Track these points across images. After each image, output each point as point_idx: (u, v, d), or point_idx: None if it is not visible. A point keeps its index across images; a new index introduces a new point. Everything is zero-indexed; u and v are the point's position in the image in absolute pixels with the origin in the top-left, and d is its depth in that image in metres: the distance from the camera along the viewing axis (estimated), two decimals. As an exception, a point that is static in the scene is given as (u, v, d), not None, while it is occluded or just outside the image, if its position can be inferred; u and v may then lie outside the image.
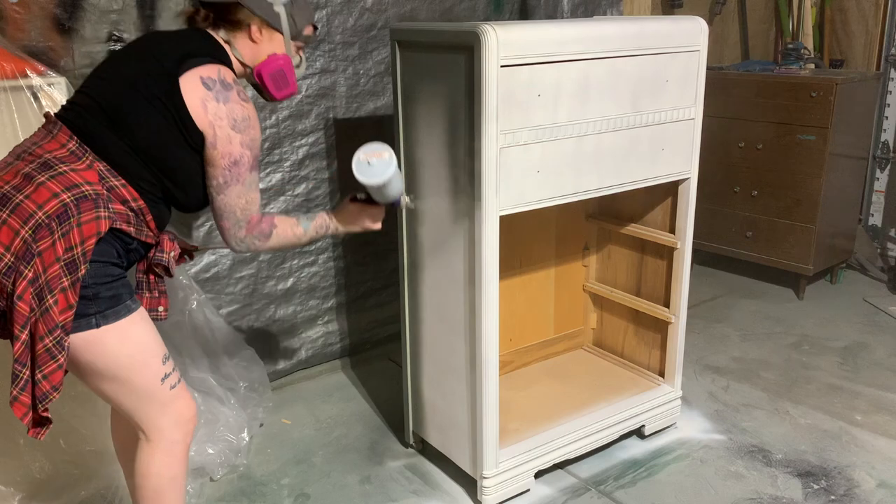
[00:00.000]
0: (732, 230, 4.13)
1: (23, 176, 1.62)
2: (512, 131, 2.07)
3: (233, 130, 1.74)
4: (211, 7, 1.86)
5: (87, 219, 1.60)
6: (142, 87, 1.70)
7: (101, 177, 1.66)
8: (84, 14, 2.42)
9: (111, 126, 1.69)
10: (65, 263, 1.57)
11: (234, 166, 1.76)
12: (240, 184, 1.78)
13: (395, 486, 2.50)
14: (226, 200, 1.79)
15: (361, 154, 2.00)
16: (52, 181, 1.60)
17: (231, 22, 1.84)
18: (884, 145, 4.42)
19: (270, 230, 1.89)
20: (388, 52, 3.06)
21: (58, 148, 1.67)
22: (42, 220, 1.56)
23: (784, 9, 4.70)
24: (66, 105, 1.78)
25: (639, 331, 2.91)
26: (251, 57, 1.88)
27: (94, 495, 2.31)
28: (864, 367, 3.28)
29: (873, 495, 2.45)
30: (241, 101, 1.75)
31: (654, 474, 2.56)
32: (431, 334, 2.45)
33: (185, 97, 1.70)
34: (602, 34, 2.21)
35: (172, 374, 1.78)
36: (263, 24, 1.85)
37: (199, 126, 1.71)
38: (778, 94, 3.83)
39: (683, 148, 2.50)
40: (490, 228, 2.12)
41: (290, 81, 1.93)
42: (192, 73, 1.71)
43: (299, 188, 3.00)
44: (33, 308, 1.55)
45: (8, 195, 1.60)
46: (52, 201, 1.58)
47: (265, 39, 1.87)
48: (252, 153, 1.78)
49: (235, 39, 1.86)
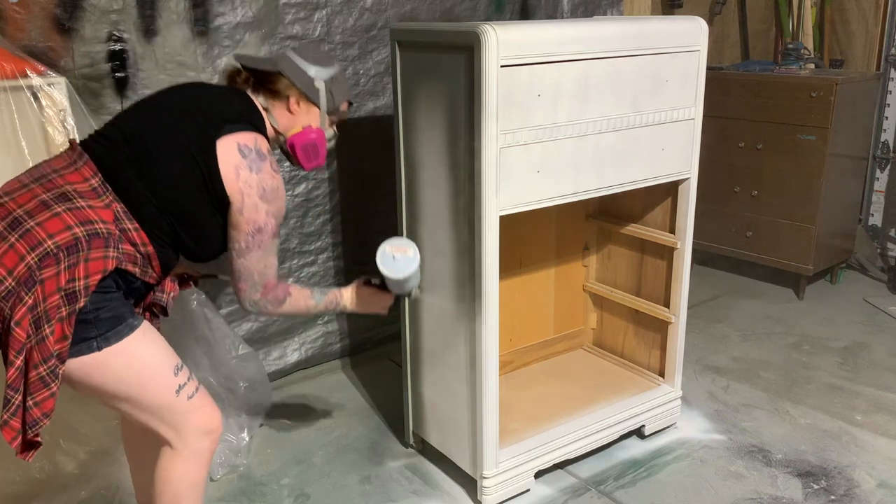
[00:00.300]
0: (732, 230, 4.13)
1: (39, 202, 1.61)
2: (512, 131, 2.07)
3: (261, 200, 1.76)
4: (253, 72, 1.91)
5: (96, 256, 1.60)
6: (178, 141, 1.72)
7: (117, 217, 1.67)
8: (84, 14, 2.42)
9: (138, 170, 1.70)
10: (65, 294, 1.56)
11: (258, 233, 1.79)
12: (261, 250, 1.81)
13: (395, 486, 2.50)
14: (245, 264, 1.82)
15: (388, 247, 2.06)
16: (68, 213, 1.60)
17: (271, 91, 1.90)
18: (884, 145, 4.42)
19: (284, 297, 1.92)
20: (388, 52, 3.06)
21: (80, 181, 1.66)
22: (50, 249, 1.56)
23: (784, 9, 4.70)
24: (95, 136, 1.78)
25: (639, 331, 2.91)
26: (286, 126, 1.92)
27: (94, 495, 2.31)
28: (864, 367, 3.28)
29: (873, 495, 2.45)
30: (272, 171, 1.79)
31: (654, 474, 2.56)
32: (431, 334, 2.45)
33: (220, 161, 1.72)
34: (602, 34, 2.21)
35: (188, 384, 1.76)
36: (302, 96, 1.91)
37: (228, 191, 1.74)
38: (778, 94, 3.83)
39: (683, 148, 2.50)
40: (490, 228, 2.12)
41: (320, 154, 1.98)
42: (229, 137, 1.74)
43: (299, 188, 3.01)
44: (30, 335, 1.54)
45: (20, 220, 1.59)
46: (65, 233, 1.58)
47: (302, 111, 1.92)
48: (276, 222, 1.82)
49: (273, 108, 1.91)
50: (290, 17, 2.83)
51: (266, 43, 2.79)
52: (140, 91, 2.56)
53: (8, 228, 1.58)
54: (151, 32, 2.55)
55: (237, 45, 2.72)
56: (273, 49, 2.81)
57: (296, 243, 3.06)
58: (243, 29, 2.73)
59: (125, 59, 2.51)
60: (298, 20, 2.85)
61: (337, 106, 1.98)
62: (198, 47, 2.65)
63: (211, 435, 1.81)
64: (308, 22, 2.87)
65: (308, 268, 3.11)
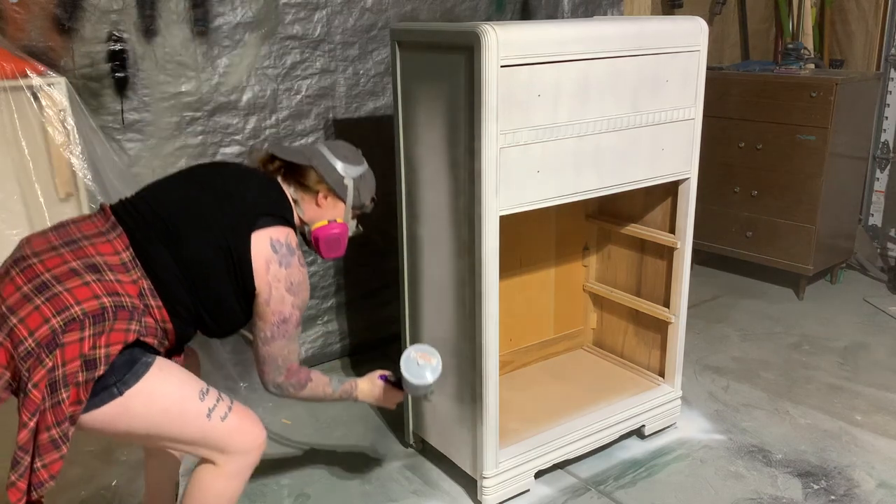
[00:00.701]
0: (732, 230, 4.13)
1: (69, 269, 1.62)
2: (512, 131, 2.07)
3: (287, 293, 1.82)
4: (286, 163, 1.95)
5: (120, 327, 1.62)
6: (213, 228, 1.75)
7: (142, 294, 1.69)
8: (84, 14, 2.42)
9: (169, 250, 1.72)
10: (86, 361, 1.57)
11: (283, 324, 1.84)
12: (285, 338, 1.86)
13: (395, 486, 2.50)
14: (270, 351, 1.86)
15: (413, 352, 2.12)
16: (97, 284, 1.62)
17: (302, 184, 1.95)
18: (884, 145, 4.42)
19: (306, 382, 1.96)
20: (388, 52, 3.06)
21: (111, 253, 1.68)
22: (77, 315, 1.57)
23: (784, 9, 4.70)
24: (127, 205, 1.79)
25: (639, 331, 2.91)
26: (312, 217, 1.98)
27: (94, 495, 2.31)
28: (864, 367, 3.28)
29: (873, 495, 2.45)
30: (300, 266, 1.85)
31: (654, 474, 2.56)
32: (431, 335, 2.45)
33: (253, 254, 1.76)
34: (602, 34, 2.21)
35: (218, 405, 1.74)
36: (331, 192, 1.96)
37: (256, 283, 1.78)
38: (778, 94, 3.83)
39: (683, 148, 2.50)
40: (490, 228, 2.12)
41: (341, 247, 2.03)
42: (264, 232, 1.79)
43: (299, 188, 3.00)
44: (45, 398, 1.54)
45: (48, 283, 1.60)
46: (93, 301, 1.59)
47: (329, 205, 1.98)
48: (300, 312, 1.87)
49: (303, 200, 1.97)
50: (290, 17, 2.83)
51: (266, 43, 2.79)
52: (140, 91, 2.56)
53: (35, 291, 1.59)
54: (151, 32, 2.55)
55: (237, 45, 2.73)
56: (273, 49, 2.81)
57: (296, 243, 3.06)
58: (243, 29, 2.73)
59: (125, 59, 2.52)
60: (298, 20, 2.85)
61: (363, 202, 2.05)
62: (198, 47, 2.65)
63: (254, 452, 1.80)
64: (308, 22, 2.87)
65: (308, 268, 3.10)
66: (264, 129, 2.87)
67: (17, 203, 2.21)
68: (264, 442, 1.81)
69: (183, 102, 2.67)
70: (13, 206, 2.21)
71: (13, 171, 2.19)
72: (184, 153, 2.71)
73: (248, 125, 2.83)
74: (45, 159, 2.20)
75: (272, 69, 2.84)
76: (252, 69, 2.79)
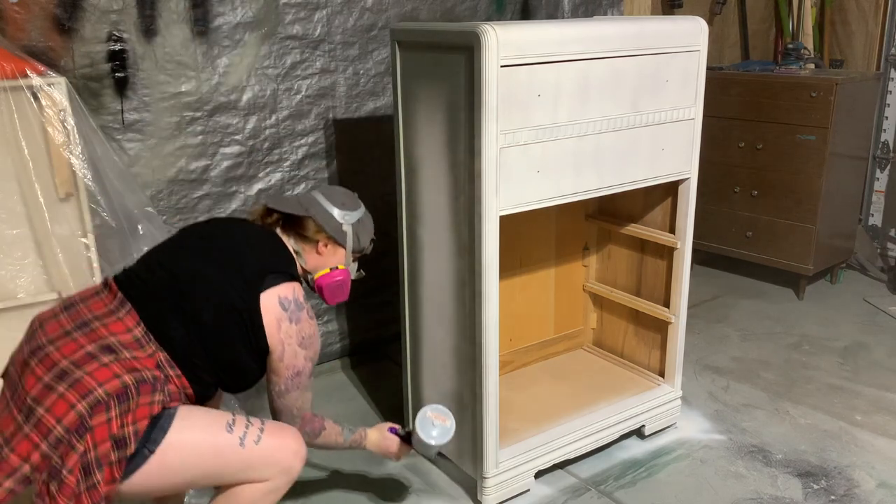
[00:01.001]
0: (732, 230, 4.13)
1: (86, 354, 1.64)
2: (512, 131, 2.07)
3: (300, 347, 1.86)
4: (283, 214, 1.97)
5: (144, 401, 1.64)
6: (223, 293, 1.77)
7: (160, 365, 1.70)
8: (84, 14, 2.42)
9: (181, 319, 1.74)
10: (115, 440, 1.59)
11: (297, 377, 1.88)
12: (299, 390, 1.90)
13: (395, 486, 2.50)
14: (285, 403, 1.90)
15: (429, 412, 2.15)
16: (115, 364, 1.64)
17: (301, 235, 1.97)
18: (884, 145, 4.42)
19: (320, 431, 2.00)
20: (388, 52, 3.06)
21: (123, 331, 1.70)
22: (101, 397, 1.59)
23: (784, 9, 4.70)
24: (132, 276, 1.80)
25: (639, 331, 2.91)
26: (314, 266, 2.00)
27: None
28: (864, 367, 3.28)
29: (873, 495, 2.45)
30: (309, 319, 1.87)
31: (654, 474, 2.56)
32: (431, 334, 2.45)
33: (263, 314, 1.78)
34: (602, 34, 2.21)
35: (249, 431, 1.76)
36: (330, 239, 1.98)
37: (269, 342, 1.81)
38: (778, 94, 3.83)
39: (683, 148, 2.50)
40: (490, 228, 2.12)
41: (345, 293, 2.05)
42: (272, 291, 1.81)
43: (299, 188, 3.00)
44: (79, 481, 1.56)
45: (68, 371, 1.61)
46: (114, 381, 1.61)
47: (329, 252, 2.00)
48: (313, 364, 1.92)
49: (303, 251, 1.98)
50: (290, 17, 2.83)
51: (266, 43, 2.79)
52: (140, 91, 2.56)
53: (56, 379, 1.61)
54: (151, 32, 2.55)
55: (237, 45, 2.73)
56: (273, 49, 2.81)
57: (296, 243, 3.06)
58: (243, 29, 2.73)
59: (125, 59, 2.51)
60: (298, 20, 2.85)
61: (362, 246, 2.06)
62: (198, 47, 2.65)
63: (295, 466, 1.82)
64: (308, 22, 2.87)
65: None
66: (264, 129, 2.87)
67: (18, 203, 2.21)
68: (302, 452, 1.83)
69: (183, 102, 2.67)
70: (13, 206, 2.21)
71: (13, 171, 2.19)
72: (184, 153, 2.71)
73: (248, 125, 2.83)
74: (45, 159, 2.20)
75: (272, 69, 2.84)
76: (252, 69, 2.79)
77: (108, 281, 1.81)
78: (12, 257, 2.23)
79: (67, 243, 2.25)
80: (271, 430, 1.80)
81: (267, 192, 2.90)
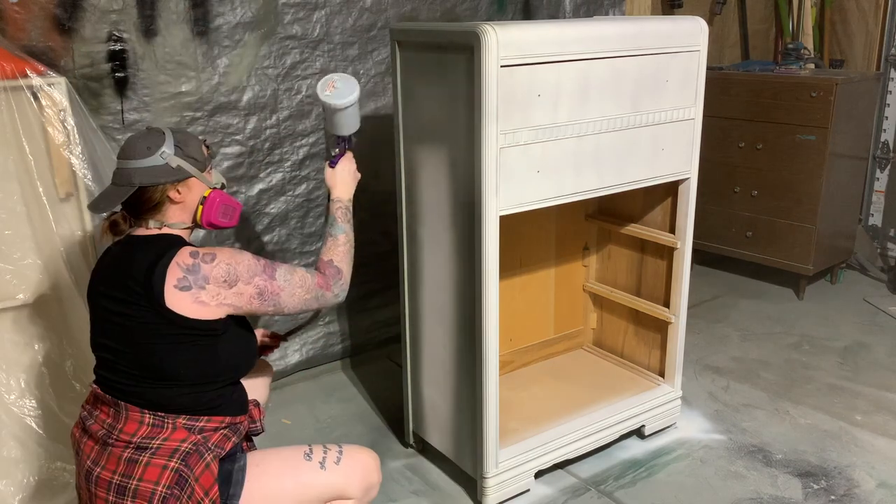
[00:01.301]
0: (732, 230, 4.13)
1: (126, 462, 1.65)
2: (512, 131, 2.07)
3: (231, 287, 1.69)
4: (124, 207, 1.76)
5: (200, 471, 1.65)
6: (153, 342, 1.67)
7: (189, 429, 1.69)
8: (84, 14, 2.42)
9: (162, 383, 1.69)
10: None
11: (264, 294, 1.74)
12: (282, 292, 1.76)
13: (395, 486, 2.50)
14: (292, 305, 1.79)
15: (325, 79, 2.04)
16: (155, 458, 1.64)
17: (151, 207, 1.74)
18: (884, 145, 4.42)
19: (337, 266, 1.91)
20: (388, 52, 3.06)
21: (138, 427, 1.68)
22: (165, 493, 1.61)
23: (784, 9, 4.70)
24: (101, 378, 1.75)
25: (639, 331, 2.91)
26: (187, 216, 1.79)
27: None
28: (864, 367, 3.28)
29: (873, 495, 2.45)
30: (212, 265, 1.68)
31: (654, 474, 2.56)
32: (431, 334, 2.45)
33: (187, 313, 1.66)
34: (602, 34, 2.21)
35: (328, 454, 1.80)
36: (174, 183, 1.74)
37: (218, 316, 1.69)
38: (778, 94, 3.83)
39: (683, 148, 2.50)
40: (490, 228, 2.12)
41: (233, 205, 1.85)
42: (167, 293, 1.65)
43: (300, 188, 3.01)
44: None
45: (123, 485, 1.63)
46: (165, 473, 1.62)
47: (185, 193, 1.76)
48: (259, 275, 1.73)
49: (165, 216, 1.76)
50: (289, 17, 2.83)
51: (266, 43, 2.79)
52: (140, 91, 2.56)
53: (119, 496, 1.63)
54: (151, 32, 2.55)
55: (237, 45, 2.73)
56: (273, 49, 2.81)
57: (296, 244, 3.06)
58: (243, 29, 2.73)
59: (125, 59, 2.52)
60: (298, 20, 2.85)
61: (203, 161, 1.81)
62: (197, 47, 2.65)
63: (374, 482, 1.86)
64: (307, 22, 2.87)
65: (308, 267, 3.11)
66: (265, 129, 2.87)
67: (18, 203, 2.21)
68: (376, 465, 1.87)
69: (183, 102, 2.67)
70: (13, 206, 2.21)
71: (13, 171, 2.19)
72: (184, 153, 2.71)
73: (249, 125, 2.83)
74: (45, 159, 2.20)
75: (272, 69, 2.84)
76: (252, 69, 2.79)
77: (93, 388, 1.77)
78: (12, 257, 2.23)
79: (67, 243, 2.26)
80: (350, 449, 1.85)
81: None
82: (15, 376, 2.27)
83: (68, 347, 2.30)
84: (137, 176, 1.70)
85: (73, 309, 2.26)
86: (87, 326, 1.77)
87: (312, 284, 1.83)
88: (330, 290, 1.87)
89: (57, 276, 2.26)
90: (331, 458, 1.80)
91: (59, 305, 2.28)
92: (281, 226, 3.00)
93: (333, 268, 1.91)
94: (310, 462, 1.78)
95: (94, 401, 1.76)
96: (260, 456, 1.79)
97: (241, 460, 1.75)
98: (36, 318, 2.29)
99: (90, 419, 1.75)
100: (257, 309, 1.75)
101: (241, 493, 1.70)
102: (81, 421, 1.77)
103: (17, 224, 2.23)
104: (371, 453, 1.89)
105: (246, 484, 1.71)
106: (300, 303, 1.81)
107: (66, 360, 2.31)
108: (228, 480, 1.70)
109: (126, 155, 1.73)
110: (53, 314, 2.30)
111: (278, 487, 1.74)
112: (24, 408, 2.28)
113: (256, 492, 1.72)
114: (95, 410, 1.75)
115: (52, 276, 2.27)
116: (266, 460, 1.78)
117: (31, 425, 2.28)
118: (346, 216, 2.03)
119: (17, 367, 2.28)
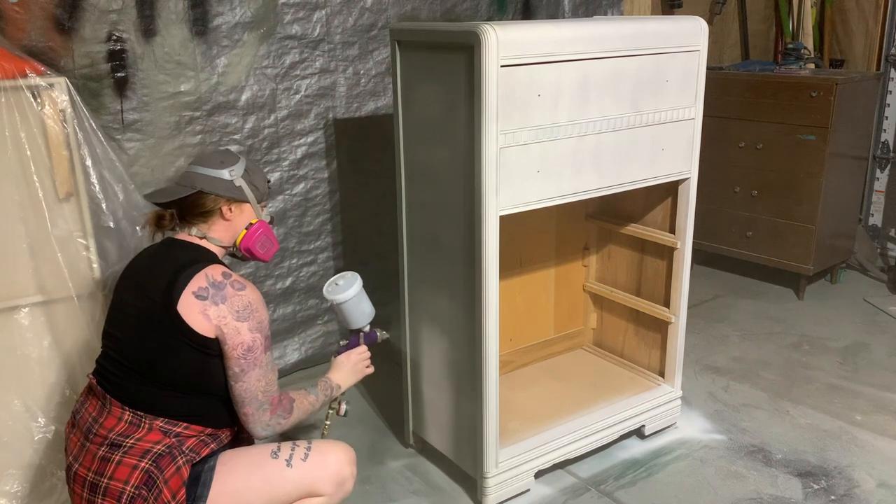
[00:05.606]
0: (732, 230, 4.13)
1: (99, 459, 1.70)
2: (512, 131, 2.07)
3: (238, 321, 1.76)
4: (175, 205, 1.87)
5: (170, 474, 1.68)
6: (150, 337, 1.74)
7: (164, 432, 1.72)
8: (84, 14, 2.42)
9: (150, 383, 1.74)
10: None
11: (249, 353, 1.78)
12: (257, 367, 1.80)
13: (395, 486, 2.50)
14: (245, 387, 1.79)
15: (330, 281, 2.18)
16: (126, 457, 1.68)
17: (201, 214, 1.86)
18: (884, 145, 4.42)
19: (291, 405, 1.90)
20: (388, 52, 3.06)
21: (116, 423, 1.73)
22: (133, 493, 1.64)
23: (784, 9, 4.70)
24: (101, 369, 1.81)
25: (639, 331, 2.91)
26: (229, 236, 1.91)
27: None
28: (864, 367, 3.28)
29: (873, 495, 2.45)
30: (237, 292, 1.76)
31: (654, 474, 2.56)
32: (431, 334, 2.45)
33: (189, 320, 1.72)
34: (602, 34, 2.21)
35: (295, 451, 1.81)
36: (230, 201, 1.87)
37: (211, 335, 1.74)
38: (778, 94, 3.83)
39: (683, 148, 2.50)
40: (490, 228, 2.12)
41: (273, 241, 1.97)
42: (184, 296, 1.73)
43: (297, 188, 3.00)
44: None
45: (95, 483, 1.69)
46: (135, 473, 1.66)
47: (237, 214, 1.90)
48: (262, 335, 1.80)
49: (210, 229, 1.88)
50: (289, 17, 2.83)
51: (265, 43, 2.79)
52: (139, 91, 2.56)
53: (91, 493, 1.69)
54: (151, 32, 2.55)
55: (236, 45, 2.73)
56: (272, 49, 2.81)
57: (294, 242, 3.06)
58: (242, 29, 2.73)
59: (125, 59, 2.51)
60: (298, 20, 2.85)
61: (262, 193, 1.96)
62: (197, 47, 2.65)
63: (345, 475, 1.86)
64: (307, 22, 2.87)
65: (307, 267, 3.11)
66: (263, 129, 2.87)
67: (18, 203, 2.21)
68: (350, 459, 1.88)
69: (182, 102, 2.67)
70: (13, 206, 2.21)
71: (13, 171, 2.18)
72: (183, 152, 2.71)
73: (247, 125, 2.83)
74: (45, 159, 2.20)
75: (271, 69, 2.84)
76: (251, 69, 2.79)
77: (91, 383, 1.82)
78: (11, 257, 2.23)
79: (67, 243, 2.25)
80: (319, 444, 1.85)
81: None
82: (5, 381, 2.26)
83: (62, 351, 2.30)
84: (201, 181, 1.85)
85: (66, 311, 2.25)
86: (79, 330, 1.79)
87: (271, 393, 1.85)
88: (270, 415, 1.85)
89: (56, 276, 2.25)
90: (298, 455, 1.81)
91: (53, 307, 2.27)
92: (279, 225, 3.00)
93: (288, 409, 1.89)
94: (276, 460, 1.79)
95: (88, 392, 1.82)
96: (229, 455, 1.79)
97: (210, 461, 1.76)
98: (30, 321, 2.28)
99: (81, 411, 1.80)
100: (230, 358, 1.77)
101: (209, 494, 1.71)
102: (73, 415, 1.82)
103: (16, 224, 2.22)
104: (343, 447, 1.88)
105: (213, 484, 1.72)
106: (252, 392, 1.80)
107: (57, 364, 2.30)
108: (196, 481, 1.71)
109: (198, 162, 1.89)
110: (48, 316, 2.28)
111: (245, 487, 1.75)
112: (13, 410, 2.27)
113: (223, 492, 1.72)
114: (87, 402, 1.81)
115: (52, 277, 2.26)
116: (234, 460, 1.78)
117: (19, 428, 2.26)
118: (327, 391, 2.08)
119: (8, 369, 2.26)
